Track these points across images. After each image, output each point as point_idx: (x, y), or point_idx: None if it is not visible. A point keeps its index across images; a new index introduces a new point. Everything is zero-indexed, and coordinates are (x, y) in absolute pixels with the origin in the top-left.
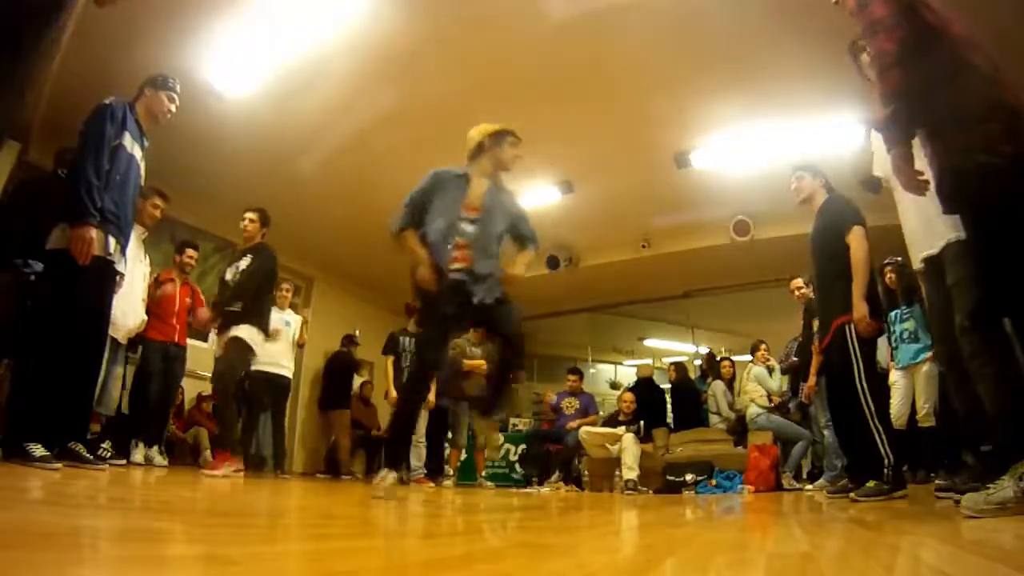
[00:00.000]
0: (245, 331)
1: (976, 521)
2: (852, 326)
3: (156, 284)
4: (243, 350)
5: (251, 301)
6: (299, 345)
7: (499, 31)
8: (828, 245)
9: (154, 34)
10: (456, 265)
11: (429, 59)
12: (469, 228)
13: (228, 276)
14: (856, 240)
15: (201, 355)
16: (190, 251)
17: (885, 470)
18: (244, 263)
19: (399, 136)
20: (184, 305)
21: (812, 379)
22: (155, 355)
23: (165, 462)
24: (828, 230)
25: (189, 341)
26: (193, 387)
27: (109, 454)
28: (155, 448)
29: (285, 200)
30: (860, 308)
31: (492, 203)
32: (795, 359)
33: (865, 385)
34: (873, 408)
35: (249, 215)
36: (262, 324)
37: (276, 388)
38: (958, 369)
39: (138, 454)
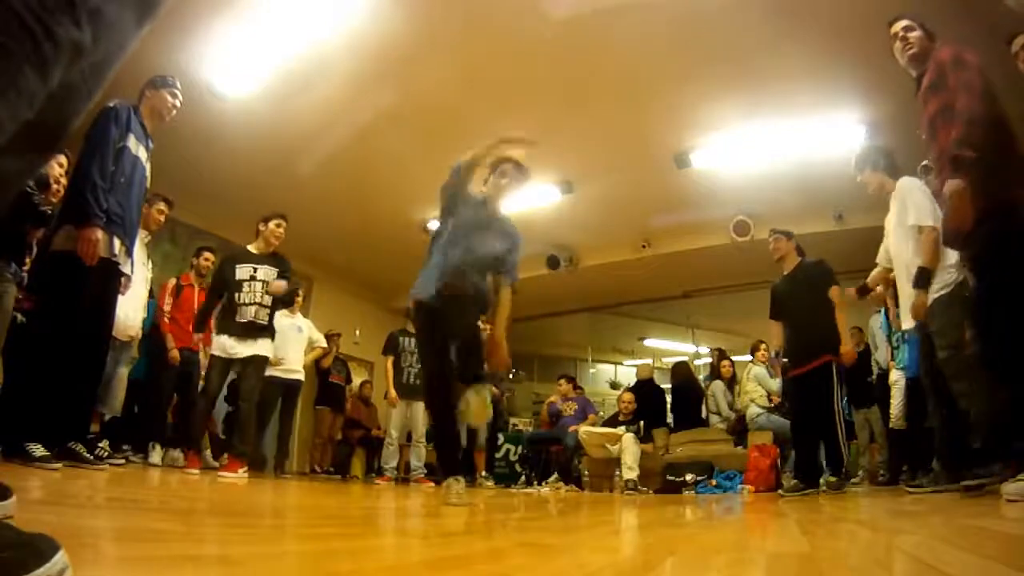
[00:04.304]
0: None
1: (977, 521)
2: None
3: (176, 288)
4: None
5: None
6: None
7: (499, 32)
8: (806, 299)
9: (154, 34)
10: None
11: (429, 60)
12: None
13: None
14: (836, 298)
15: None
16: (207, 254)
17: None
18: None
19: (399, 136)
20: None
21: None
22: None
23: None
24: (807, 287)
25: None
26: None
27: (107, 453)
28: (178, 451)
29: (285, 200)
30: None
31: None
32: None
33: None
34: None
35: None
36: None
37: (288, 391)
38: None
39: (155, 455)
